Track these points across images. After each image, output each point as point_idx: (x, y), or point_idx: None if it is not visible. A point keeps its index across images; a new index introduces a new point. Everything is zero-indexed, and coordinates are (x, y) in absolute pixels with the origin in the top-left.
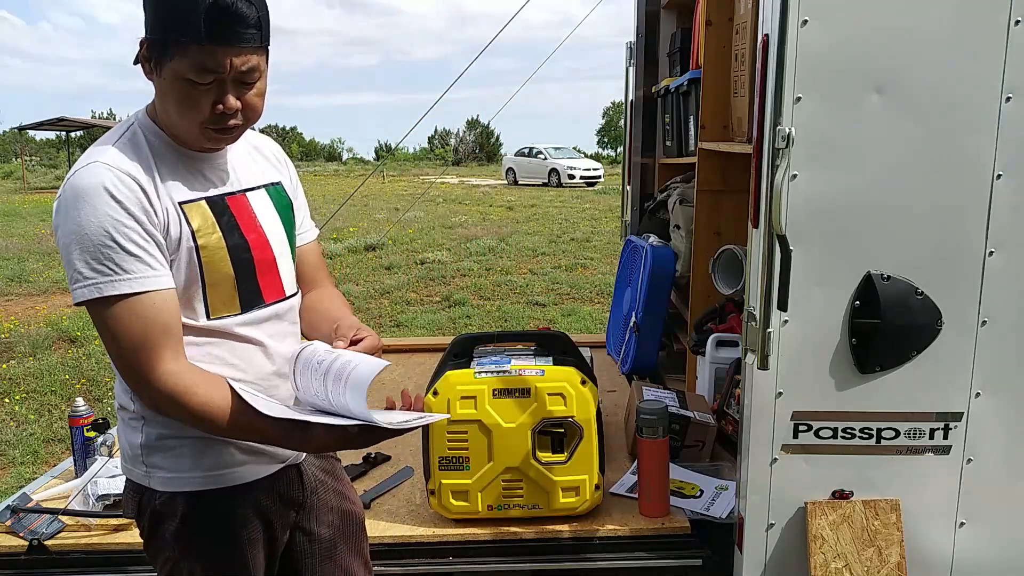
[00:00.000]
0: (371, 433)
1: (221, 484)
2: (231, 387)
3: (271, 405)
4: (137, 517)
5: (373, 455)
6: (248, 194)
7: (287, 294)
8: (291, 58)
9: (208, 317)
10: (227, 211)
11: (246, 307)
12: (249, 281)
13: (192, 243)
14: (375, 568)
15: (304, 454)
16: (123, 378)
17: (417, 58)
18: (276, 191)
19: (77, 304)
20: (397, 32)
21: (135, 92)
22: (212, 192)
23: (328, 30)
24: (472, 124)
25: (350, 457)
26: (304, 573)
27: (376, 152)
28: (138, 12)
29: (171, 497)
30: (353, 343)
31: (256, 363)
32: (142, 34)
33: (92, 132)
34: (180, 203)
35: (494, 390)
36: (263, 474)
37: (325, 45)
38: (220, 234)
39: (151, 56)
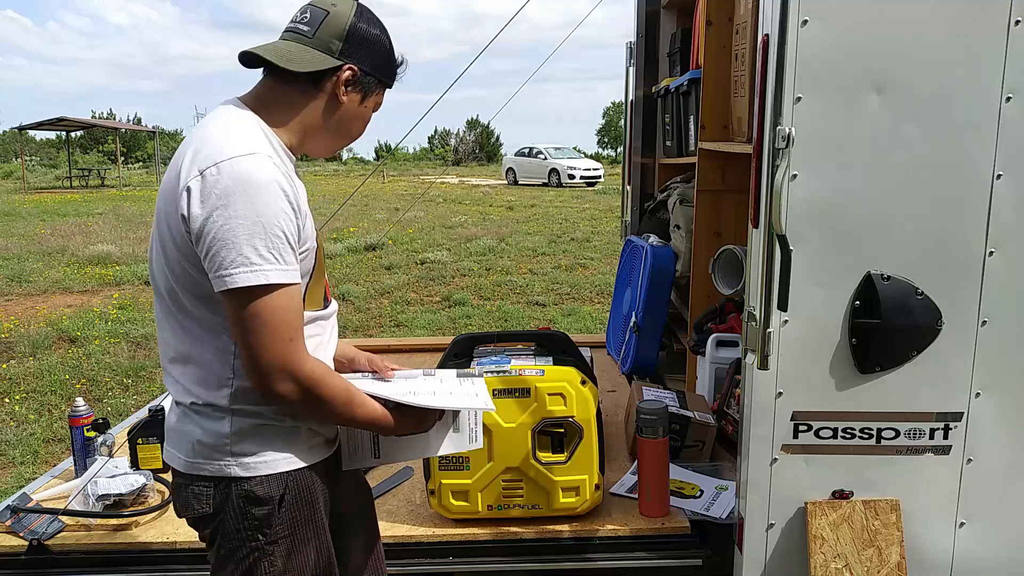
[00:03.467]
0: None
1: (305, 463)
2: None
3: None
4: (212, 510)
5: None
6: None
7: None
8: None
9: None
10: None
11: (325, 304)
12: (324, 280)
13: (315, 241)
14: None
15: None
16: (264, 367)
17: (424, 58)
18: None
19: (232, 289)
20: (405, 32)
21: (141, 92)
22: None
23: None
24: (472, 124)
25: None
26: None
27: (376, 152)
28: (147, 13)
29: (264, 479)
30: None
31: (327, 355)
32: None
33: (92, 132)
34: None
35: (494, 390)
36: (328, 454)
37: None
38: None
39: (360, 85)
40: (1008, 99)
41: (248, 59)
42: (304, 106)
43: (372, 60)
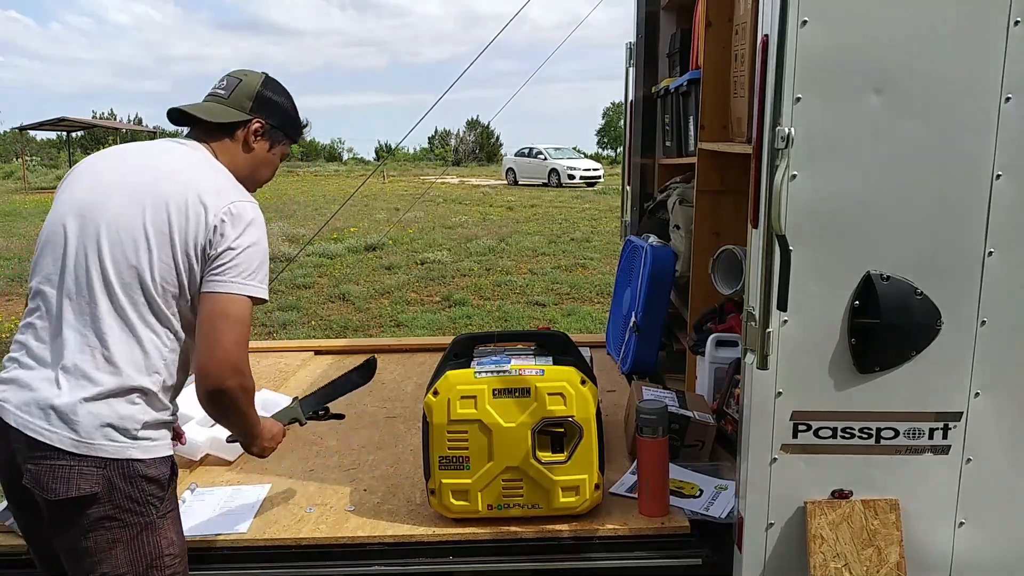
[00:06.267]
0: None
1: (172, 450)
2: None
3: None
4: (102, 495)
5: (322, 411)
6: None
7: None
8: (299, 59)
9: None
10: None
11: None
12: None
13: None
14: (376, 568)
15: None
16: (224, 360)
17: (425, 59)
18: None
19: (240, 294)
20: (406, 33)
21: (142, 92)
22: None
23: (338, 31)
24: (472, 124)
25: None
26: None
27: (376, 152)
28: (149, 13)
29: (155, 461)
30: None
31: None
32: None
33: (93, 132)
34: None
35: (494, 390)
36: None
37: (334, 46)
38: None
39: (266, 136)
40: (1008, 99)
41: (176, 116)
42: (227, 153)
43: (277, 118)
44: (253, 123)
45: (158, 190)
